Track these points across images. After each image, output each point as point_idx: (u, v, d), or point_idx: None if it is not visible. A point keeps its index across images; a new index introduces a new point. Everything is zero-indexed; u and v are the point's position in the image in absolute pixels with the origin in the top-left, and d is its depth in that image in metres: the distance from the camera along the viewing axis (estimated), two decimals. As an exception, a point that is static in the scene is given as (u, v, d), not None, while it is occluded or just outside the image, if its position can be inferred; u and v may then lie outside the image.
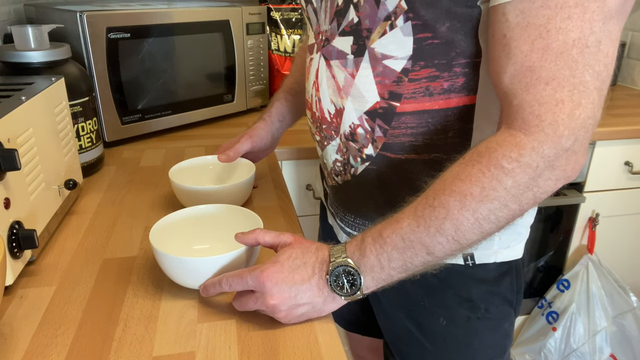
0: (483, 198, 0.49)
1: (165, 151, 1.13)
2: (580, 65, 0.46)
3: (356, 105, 0.65)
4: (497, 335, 0.74)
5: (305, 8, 0.71)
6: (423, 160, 0.64)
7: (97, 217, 0.83)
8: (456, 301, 0.71)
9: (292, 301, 0.56)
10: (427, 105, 0.61)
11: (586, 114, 0.47)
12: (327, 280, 0.56)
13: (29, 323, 0.58)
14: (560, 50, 0.47)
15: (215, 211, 0.72)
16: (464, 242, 0.52)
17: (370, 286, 0.56)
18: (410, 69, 0.59)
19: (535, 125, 0.48)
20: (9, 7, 1.26)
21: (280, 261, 0.57)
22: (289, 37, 1.42)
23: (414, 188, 0.66)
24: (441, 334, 0.72)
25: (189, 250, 0.70)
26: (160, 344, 0.55)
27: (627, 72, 1.81)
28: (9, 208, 0.62)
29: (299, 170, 1.23)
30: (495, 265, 0.70)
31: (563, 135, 0.48)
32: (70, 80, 0.89)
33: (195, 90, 1.26)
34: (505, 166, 0.49)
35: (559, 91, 0.47)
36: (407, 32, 0.57)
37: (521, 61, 0.48)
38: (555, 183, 0.50)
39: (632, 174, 1.48)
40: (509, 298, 0.73)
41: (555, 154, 0.48)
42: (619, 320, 1.58)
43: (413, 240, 0.53)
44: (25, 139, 0.67)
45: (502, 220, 0.51)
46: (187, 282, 0.62)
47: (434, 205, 0.52)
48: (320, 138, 0.74)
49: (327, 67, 0.67)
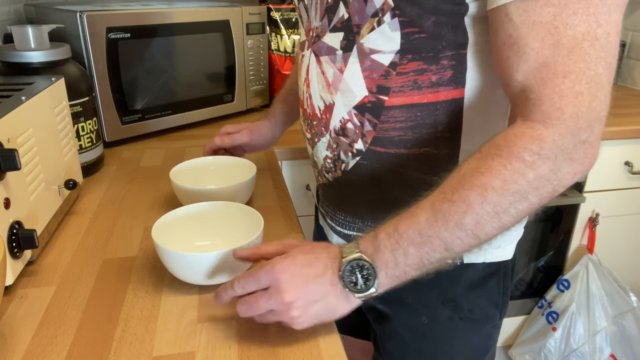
0: (505, 191, 0.49)
1: (165, 151, 1.13)
2: (594, 58, 0.47)
3: (345, 100, 0.65)
4: (478, 337, 0.74)
5: (297, 5, 0.72)
6: (413, 154, 0.65)
7: (97, 217, 0.83)
8: (440, 300, 0.71)
9: (307, 297, 0.53)
10: (416, 99, 0.61)
11: (601, 106, 0.48)
12: (340, 276, 0.54)
13: (29, 323, 0.58)
14: (571, 44, 0.47)
15: (216, 208, 0.72)
16: (483, 236, 0.51)
17: (384, 283, 0.54)
18: (398, 63, 0.60)
19: (556, 117, 0.48)
20: (9, 7, 1.26)
21: (292, 255, 0.55)
22: (289, 37, 1.42)
23: (405, 183, 0.67)
24: (422, 332, 0.72)
25: (191, 247, 0.71)
26: (160, 344, 0.55)
27: (627, 72, 1.81)
28: (9, 208, 0.62)
29: (299, 170, 1.23)
30: (484, 266, 0.69)
31: (582, 128, 0.48)
32: (70, 80, 0.89)
33: (195, 90, 1.26)
34: (527, 159, 0.49)
35: (577, 84, 0.47)
36: (394, 27, 0.58)
37: (534, 58, 0.49)
38: (573, 176, 0.50)
39: (632, 174, 1.48)
40: (495, 300, 0.73)
41: (574, 146, 0.49)
42: (619, 320, 1.58)
43: (431, 235, 0.51)
44: (25, 139, 0.67)
45: (521, 214, 0.51)
46: (189, 278, 0.63)
47: (453, 199, 0.51)
48: (310, 135, 0.74)
49: (317, 64, 0.67)
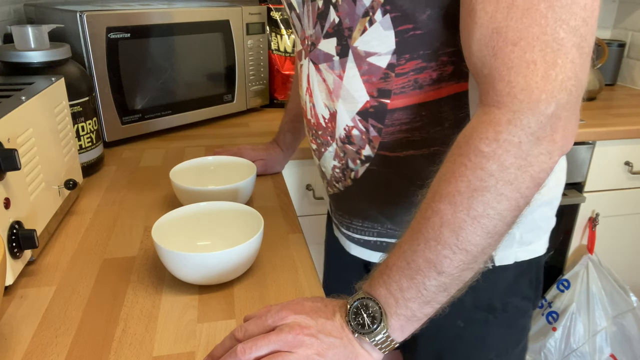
0: (472, 192, 0.44)
1: (165, 151, 1.13)
2: (551, 21, 0.42)
3: (347, 107, 0.64)
4: (512, 330, 0.72)
5: (290, 15, 0.70)
6: (422, 155, 0.63)
7: (97, 217, 0.83)
8: (475, 305, 0.69)
9: (318, 333, 0.48)
10: (418, 98, 0.59)
11: (565, 74, 0.42)
12: (347, 320, 0.49)
13: (29, 323, 0.58)
14: (526, 6, 0.42)
15: (216, 208, 0.72)
16: (471, 248, 0.46)
17: (395, 325, 0.49)
18: (395, 64, 0.58)
19: (506, 93, 0.43)
20: (9, 7, 1.26)
21: (298, 301, 0.52)
22: (289, 37, 1.42)
23: (418, 184, 0.65)
24: (458, 334, 0.71)
25: (191, 247, 0.71)
26: (160, 344, 0.55)
27: (627, 72, 1.81)
28: (9, 208, 0.62)
29: (299, 170, 1.23)
30: (516, 265, 0.67)
31: (540, 100, 0.42)
32: (70, 80, 0.89)
33: (195, 90, 1.26)
34: (485, 150, 0.44)
35: (529, 51, 0.42)
36: (387, 25, 0.56)
37: (487, 23, 0.44)
38: (550, 157, 0.44)
39: (632, 174, 1.48)
40: (528, 294, 0.71)
41: (536, 123, 0.43)
42: (619, 320, 1.58)
43: (417, 260, 0.47)
44: (25, 139, 0.67)
45: (505, 214, 0.45)
46: (189, 278, 0.63)
47: (427, 216, 0.47)
48: (316, 145, 0.73)
49: (317, 72, 0.66)
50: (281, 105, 1.46)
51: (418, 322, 0.49)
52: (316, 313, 0.50)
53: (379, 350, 0.49)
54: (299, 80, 0.73)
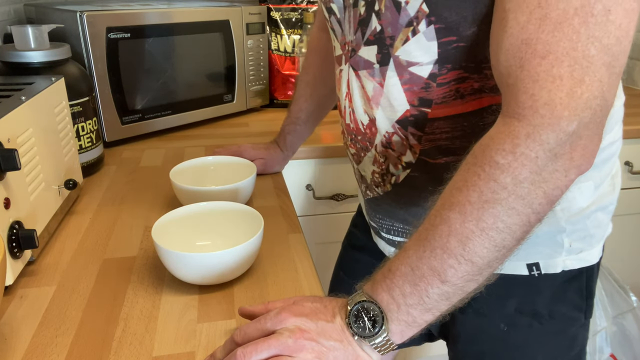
0: (483, 204, 0.44)
1: (165, 151, 1.13)
2: (583, 37, 0.40)
3: (387, 114, 0.62)
4: (561, 339, 0.69)
5: (328, 19, 0.69)
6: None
7: (97, 217, 0.83)
8: (518, 310, 0.67)
9: (319, 337, 0.49)
10: (460, 108, 0.57)
11: (591, 92, 0.41)
12: (348, 323, 0.50)
13: (29, 323, 0.58)
14: (559, 19, 0.41)
15: (216, 208, 0.72)
16: (477, 260, 0.45)
17: (395, 330, 0.49)
18: (437, 74, 0.56)
19: (528, 106, 0.42)
20: (9, 7, 1.26)
21: (298, 301, 0.52)
22: (289, 37, 1.42)
23: None
24: (501, 337, 0.70)
25: (191, 247, 0.71)
26: (160, 344, 0.55)
27: (627, 72, 1.81)
28: (9, 208, 0.62)
29: (299, 170, 1.23)
30: (564, 273, 0.65)
31: (562, 117, 0.41)
32: (70, 80, 0.89)
33: (195, 90, 1.26)
34: (500, 162, 0.43)
35: (557, 66, 0.41)
36: (430, 36, 0.54)
37: (517, 34, 0.43)
38: (566, 175, 0.43)
39: (632, 174, 1.48)
40: (577, 303, 0.68)
41: (555, 139, 0.42)
42: (619, 320, 1.58)
43: (422, 267, 0.47)
44: (25, 139, 0.67)
45: (515, 228, 0.44)
46: (189, 278, 0.63)
47: (435, 223, 0.47)
48: (355, 150, 0.71)
49: (357, 78, 0.65)
50: (281, 105, 1.46)
51: (418, 327, 0.49)
52: (316, 315, 0.50)
53: (378, 352, 0.50)
54: (337, 84, 0.71)
